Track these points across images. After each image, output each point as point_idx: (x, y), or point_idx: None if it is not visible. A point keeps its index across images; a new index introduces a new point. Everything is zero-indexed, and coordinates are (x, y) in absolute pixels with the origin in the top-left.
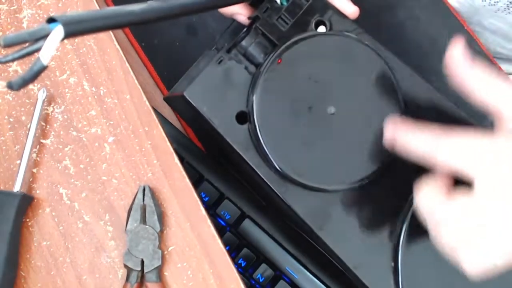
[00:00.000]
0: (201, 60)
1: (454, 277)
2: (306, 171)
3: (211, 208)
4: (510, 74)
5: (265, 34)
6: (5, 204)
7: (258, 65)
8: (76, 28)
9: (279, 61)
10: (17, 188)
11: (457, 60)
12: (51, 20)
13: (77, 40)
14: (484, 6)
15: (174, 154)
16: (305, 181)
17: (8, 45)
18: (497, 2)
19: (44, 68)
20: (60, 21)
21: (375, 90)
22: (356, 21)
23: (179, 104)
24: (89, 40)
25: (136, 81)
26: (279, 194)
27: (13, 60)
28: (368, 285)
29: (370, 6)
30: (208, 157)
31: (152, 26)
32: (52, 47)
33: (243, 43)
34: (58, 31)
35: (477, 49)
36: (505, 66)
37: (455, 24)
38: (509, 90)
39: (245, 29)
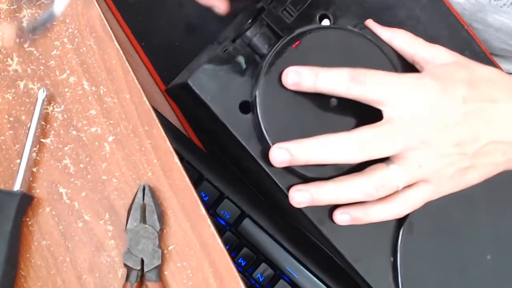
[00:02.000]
0: (203, 54)
1: (453, 272)
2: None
3: (211, 207)
4: (511, 74)
5: (269, 25)
6: (5, 204)
7: (262, 56)
8: None
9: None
10: (17, 187)
11: (373, 26)
12: None
13: (77, 39)
14: (490, 1)
15: (174, 154)
16: (306, 172)
17: None
18: None
19: (55, 17)
20: None
21: None
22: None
23: (181, 95)
24: (89, 39)
25: (136, 81)
26: (280, 186)
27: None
28: (367, 280)
29: (370, 6)
30: (208, 156)
31: (152, 26)
32: None
33: (248, 33)
34: None
35: (477, 50)
36: (505, 66)
37: (455, 24)
38: (416, 40)
39: (250, 20)
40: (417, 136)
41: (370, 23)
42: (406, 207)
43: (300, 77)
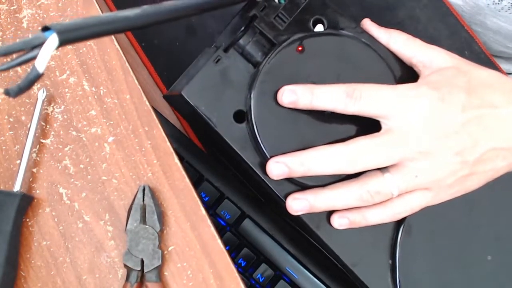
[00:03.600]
0: (200, 58)
1: (451, 275)
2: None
3: (211, 208)
4: (510, 74)
5: (262, 32)
6: (5, 204)
7: (256, 64)
8: (71, 36)
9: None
10: (17, 188)
11: (367, 26)
12: (45, 28)
13: None
14: (488, 5)
15: (174, 154)
16: (302, 179)
17: (3, 54)
18: (501, 0)
19: (39, 76)
20: (54, 29)
21: None
22: (356, 20)
23: (178, 103)
24: (89, 40)
25: (136, 81)
26: (277, 193)
27: (8, 68)
28: (366, 283)
29: (370, 6)
30: (208, 157)
31: (152, 26)
32: (47, 55)
33: (241, 41)
34: (52, 39)
35: (476, 49)
36: (505, 66)
37: (455, 24)
38: (414, 42)
39: (242, 28)
40: (415, 146)
41: (366, 23)
42: (403, 210)
43: (296, 96)
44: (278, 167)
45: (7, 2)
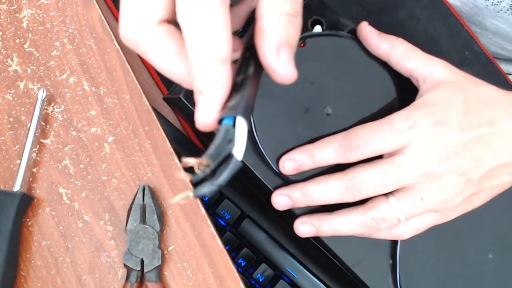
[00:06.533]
0: None
1: (451, 274)
2: (303, 171)
3: (211, 208)
4: (510, 74)
5: None
6: (5, 204)
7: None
8: (248, 113)
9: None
10: (17, 187)
11: (366, 33)
12: (220, 121)
13: (77, 40)
14: (487, 6)
15: (174, 154)
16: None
17: (212, 159)
18: (500, 2)
19: (240, 166)
20: (238, 114)
21: (372, 90)
22: (355, 21)
23: (177, 105)
24: (89, 40)
25: (136, 81)
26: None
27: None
28: (367, 283)
29: (370, 6)
30: None
31: None
32: (243, 141)
33: None
34: (242, 124)
35: (477, 50)
36: (505, 67)
37: (455, 24)
38: (415, 53)
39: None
40: (418, 171)
41: (365, 29)
42: (408, 231)
43: (297, 162)
44: (282, 200)
45: (7, 2)
